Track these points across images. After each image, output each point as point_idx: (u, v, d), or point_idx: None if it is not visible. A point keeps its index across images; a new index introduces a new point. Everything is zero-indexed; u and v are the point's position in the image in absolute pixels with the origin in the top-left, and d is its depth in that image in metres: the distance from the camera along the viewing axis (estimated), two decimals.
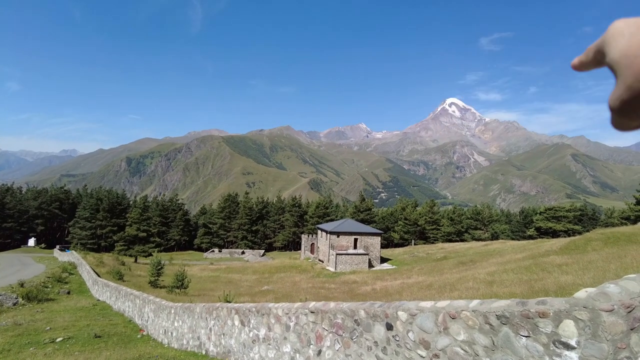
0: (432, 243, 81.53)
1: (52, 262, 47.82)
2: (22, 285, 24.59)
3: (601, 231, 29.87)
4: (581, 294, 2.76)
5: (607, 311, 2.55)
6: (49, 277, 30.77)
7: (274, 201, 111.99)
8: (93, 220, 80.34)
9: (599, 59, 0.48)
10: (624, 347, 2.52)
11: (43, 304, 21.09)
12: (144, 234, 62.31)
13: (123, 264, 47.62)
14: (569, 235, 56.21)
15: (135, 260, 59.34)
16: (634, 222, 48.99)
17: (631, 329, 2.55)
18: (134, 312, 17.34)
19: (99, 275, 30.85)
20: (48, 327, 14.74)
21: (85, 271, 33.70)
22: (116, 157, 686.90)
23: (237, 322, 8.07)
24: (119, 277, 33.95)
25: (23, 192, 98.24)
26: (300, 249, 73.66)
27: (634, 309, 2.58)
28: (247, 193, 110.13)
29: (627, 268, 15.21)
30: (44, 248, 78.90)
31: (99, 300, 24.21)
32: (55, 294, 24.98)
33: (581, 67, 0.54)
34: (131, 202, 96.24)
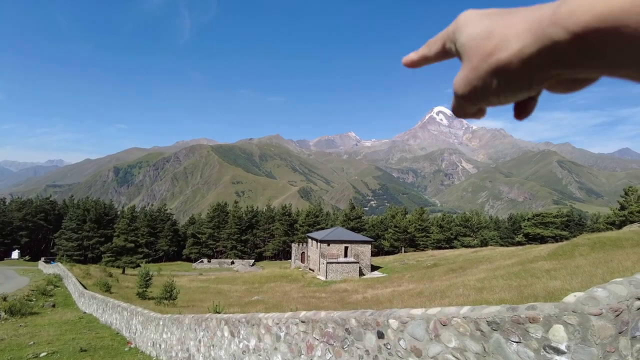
0: (422, 250, 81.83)
1: (36, 275, 46.83)
2: (4, 299, 23.96)
3: (588, 236, 30.30)
4: (570, 298, 2.77)
5: (596, 315, 2.56)
6: (33, 290, 30.09)
7: (264, 210, 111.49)
8: (80, 231, 79.05)
9: (447, 49, 0.49)
10: (613, 350, 2.53)
11: (27, 318, 20.60)
12: (132, 245, 61.46)
13: (110, 275, 46.84)
14: (557, 241, 56.85)
15: (123, 272, 58.41)
16: (619, 227, 49.77)
17: (619, 333, 2.57)
18: (121, 324, 17.01)
19: (85, 287, 30.25)
20: (32, 342, 14.38)
21: (71, 283, 33.04)
22: (103, 167, 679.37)
23: (226, 333, 7.96)
24: (106, 289, 33.36)
25: (7, 203, 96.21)
26: (290, 258, 73.29)
27: (621, 312, 2.61)
28: (236, 202, 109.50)
29: (613, 272, 15.42)
30: (29, 260, 77.15)
31: (85, 313, 23.71)
32: (40, 307, 24.42)
33: (421, 61, 0.55)
34: (119, 213, 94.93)
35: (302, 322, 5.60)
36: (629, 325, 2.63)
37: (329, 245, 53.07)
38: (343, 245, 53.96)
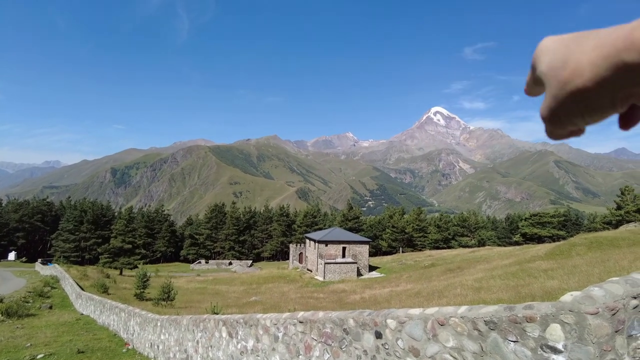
0: (420, 250, 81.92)
1: (33, 276, 46.68)
2: (1, 300, 23.88)
3: (585, 236, 30.43)
4: (567, 297, 2.78)
5: (592, 314, 2.58)
6: (30, 292, 29.99)
7: (262, 211, 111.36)
8: (77, 233, 78.81)
9: (537, 79, 0.50)
10: (609, 349, 2.55)
11: (23, 320, 20.52)
12: (129, 246, 61.30)
13: (108, 276, 46.69)
14: (554, 241, 57.00)
15: (121, 273, 58.25)
16: (616, 226, 49.98)
17: (616, 331, 2.58)
18: (119, 325, 16.97)
19: (82, 289, 30.15)
20: (28, 344, 14.33)
21: (69, 285, 32.92)
22: (101, 168, 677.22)
23: (224, 334, 7.95)
24: (104, 290, 33.26)
25: (3, 204, 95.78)
26: (288, 259, 73.25)
27: (618, 311, 2.62)
28: (234, 203, 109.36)
29: (610, 272, 15.48)
30: (25, 262, 76.93)
31: (82, 314, 23.63)
32: (37, 309, 24.33)
33: (528, 88, 0.57)
34: (116, 214, 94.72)
35: (300, 322, 5.60)
36: (625, 324, 2.65)
37: (326, 245, 53.08)
38: (341, 246, 53.97)
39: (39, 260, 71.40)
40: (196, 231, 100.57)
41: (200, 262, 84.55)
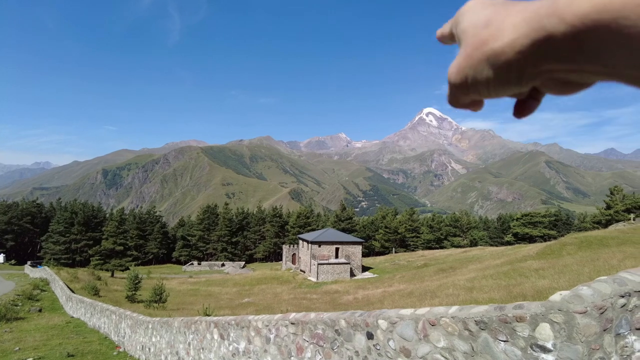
0: (413, 251, 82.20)
1: (22, 279, 46.13)
2: None
3: (575, 236, 30.74)
4: (556, 297, 2.80)
5: (580, 313, 2.59)
6: (18, 295, 29.63)
7: (255, 212, 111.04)
8: (67, 235, 78.01)
9: (452, 33, 0.49)
10: (597, 348, 2.56)
11: (12, 323, 20.26)
12: (121, 248, 60.79)
13: (99, 278, 46.27)
14: (545, 240, 57.53)
15: (112, 275, 57.77)
16: (605, 226, 50.56)
17: (604, 330, 2.60)
18: (110, 328, 16.82)
19: (73, 291, 29.85)
20: (17, 348, 14.15)
21: (59, 287, 32.57)
22: (92, 169, 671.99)
23: (216, 336, 7.91)
24: (95, 293, 32.95)
25: None
26: (281, 260, 73.12)
27: (606, 310, 2.64)
28: (226, 204, 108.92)
29: (600, 271, 15.65)
30: (14, 264, 75.98)
31: (73, 317, 23.39)
32: (26, 312, 24.04)
33: (442, 38, 0.55)
34: (107, 215, 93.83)
35: (291, 323, 5.58)
36: (613, 323, 2.67)
37: (320, 246, 53.06)
38: (334, 247, 53.98)
39: (29, 262, 70.60)
40: (188, 232, 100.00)
41: (192, 264, 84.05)
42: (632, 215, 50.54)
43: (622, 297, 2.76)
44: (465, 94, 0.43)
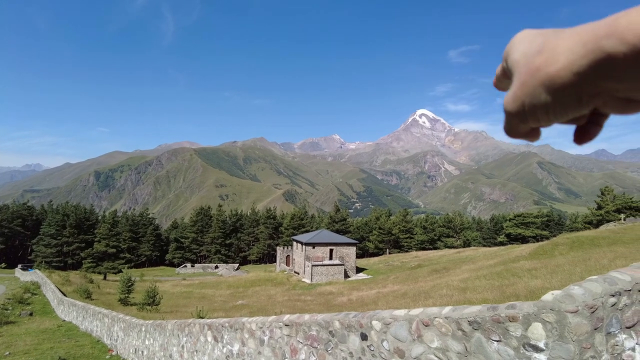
0: (407, 251, 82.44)
1: (13, 283, 45.61)
2: None
3: (567, 236, 31.00)
4: (548, 297, 2.82)
5: (572, 313, 2.62)
6: (9, 299, 29.29)
7: (248, 213, 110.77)
8: (59, 237, 77.25)
9: (505, 72, 0.49)
10: (588, 347, 2.59)
11: (2, 328, 20.03)
12: (114, 250, 60.36)
13: (91, 281, 45.88)
14: (538, 241, 57.97)
15: (104, 278, 57.29)
16: (597, 226, 51.05)
17: (595, 329, 2.63)
18: (102, 331, 16.67)
19: (64, 295, 29.55)
20: (7, 352, 13.98)
21: (50, 291, 32.23)
22: (84, 171, 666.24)
23: (210, 338, 7.87)
24: (87, 296, 32.65)
25: None
26: (275, 262, 72.95)
27: (597, 309, 2.67)
28: (220, 206, 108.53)
29: (591, 270, 15.79)
30: (5, 268, 74.99)
31: (64, 320, 23.16)
32: (16, 316, 23.77)
33: (498, 83, 0.55)
34: (100, 218, 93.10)
35: (285, 325, 5.57)
36: (604, 322, 2.70)
37: (314, 247, 53.03)
38: (328, 248, 53.98)
39: (19, 266, 69.72)
40: (182, 235, 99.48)
41: (186, 266, 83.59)
42: (622, 216, 51.07)
43: (613, 296, 2.80)
44: (524, 122, 0.43)
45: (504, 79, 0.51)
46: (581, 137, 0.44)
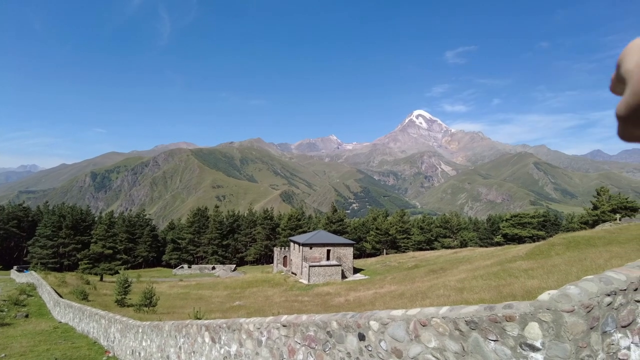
0: (404, 252, 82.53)
1: (8, 284, 45.36)
2: None
3: (563, 236, 31.11)
4: (544, 296, 2.84)
5: (568, 312, 2.64)
6: (4, 300, 29.12)
7: (245, 214, 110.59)
8: (55, 238, 76.87)
9: (620, 79, 0.51)
10: (585, 346, 2.61)
11: None
12: (110, 251, 60.13)
13: (88, 283, 45.67)
14: (534, 241, 58.15)
15: (101, 279, 57.06)
16: (592, 226, 51.27)
17: (591, 328, 2.65)
18: (99, 333, 16.61)
19: (61, 296, 29.42)
20: (3, 354, 13.91)
21: (46, 292, 32.08)
22: (80, 172, 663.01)
23: (207, 339, 7.86)
24: (83, 297, 32.51)
25: None
26: (272, 263, 72.86)
27: (592, 308, 2.69)
28: (217, 207, 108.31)
29: (587, 270, 15.86)
30: (0, 269, 74.68)
31: (60, 322, 23.05)
32: (12, 317, 23.64)
33: (614, 88, 0.57)
34: (96, 219, 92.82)
35: (283, 326, 5.57)
36: (599, 321, 2.72)
37: (311, 248, 53.00)
38: (325, 249, 53.96)
39: (15, 267, 69.37)
40: (178, 236, 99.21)
41: (182, 267, 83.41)
42: (618, 216, 51.35)
43: (608, 295, 2.82)
44: (637, 127, 0.46)
45: (619, 84, 0.53)
46: None
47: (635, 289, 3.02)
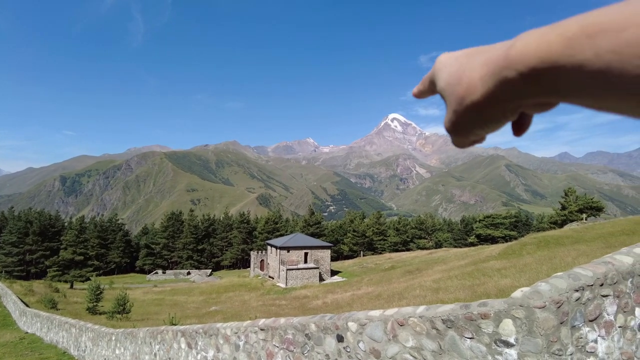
0: (380, 253, 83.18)
1: None
2: None
3: (534, 236, 32.01)
4: (517, 294, 2.93)
5: (540, 308, 2.73)
6: None
7: (221, 218, 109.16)
8: (21, 245, 73.92)
9: (432, 88, 0.56)
10: (555, 340, 2.70)
11: None
12: (81, 258, 58.37)
13: (57, 290, 44.07)
14: (506, 241, 59.56)
15: (71, 286, 55.21)
16: (561, 225, 52.96)
17: (561, 323, 2.75)
18: (69, 342, 16.06)
19: (27, 305, 28.31)
20: None
21: (11, 302, 30.81)
22: (49, 176, 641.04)
23: (183, 345, 7.72)
24: (52, 306, 31.35)
25: None
26: (249, 267, 72.16)
27: (562, 304, 2.79)
28: (192, 210, 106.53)
29: (556, 268, 16.37)
30: None
31: (27, 332, 22.16)
32: None
33: (420, 94, 0.62)
34: (66, 224, 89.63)
35: (261, 330, 5.54)
36: (569, 316, 2.82)
37: (288, 251, 52.79)
38: (303, 251, 53.85)
39: None
40: (152, 240, 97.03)
41: (157, 273, 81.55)
42: (584, 215, 53.32)
43: (577, 291, 2.93)
44: (466, 137, 0.50)
45: (428, 93, 0.60)
46: (518, 130, 0.49)
47: (601, 285, 3.15)
